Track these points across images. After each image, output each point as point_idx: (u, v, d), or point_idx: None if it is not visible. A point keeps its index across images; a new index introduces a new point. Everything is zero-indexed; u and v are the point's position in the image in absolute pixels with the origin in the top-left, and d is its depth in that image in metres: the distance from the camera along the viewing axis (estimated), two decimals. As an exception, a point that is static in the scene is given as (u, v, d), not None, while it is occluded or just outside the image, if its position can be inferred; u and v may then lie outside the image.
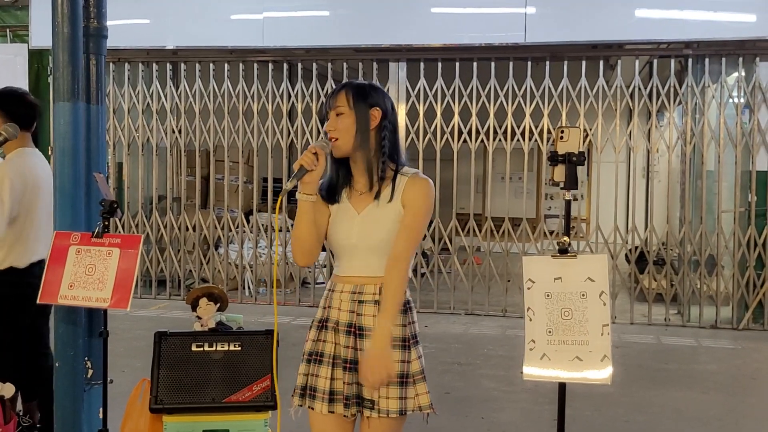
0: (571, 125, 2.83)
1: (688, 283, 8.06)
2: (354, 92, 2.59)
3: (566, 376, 2.59)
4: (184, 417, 3.46)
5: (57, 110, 3.20)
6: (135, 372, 4.42)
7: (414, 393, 2.61)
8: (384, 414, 2.55)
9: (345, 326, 2.60)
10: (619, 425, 4.94)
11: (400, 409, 2.57)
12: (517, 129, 8.24)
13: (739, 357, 6.82)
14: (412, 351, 2.61)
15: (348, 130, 2.57)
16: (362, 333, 2.58)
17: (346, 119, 2.58)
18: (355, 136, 2.57)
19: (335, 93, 2.62)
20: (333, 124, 2.59)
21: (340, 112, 2.58)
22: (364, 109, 2.58)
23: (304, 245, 2.62)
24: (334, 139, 2.58)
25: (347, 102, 2.58)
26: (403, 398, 2.57)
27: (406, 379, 2.58)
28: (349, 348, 2.59)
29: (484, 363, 6.48)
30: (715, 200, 8.04)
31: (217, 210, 9.17)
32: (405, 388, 2.58)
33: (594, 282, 2.59)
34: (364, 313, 2.59)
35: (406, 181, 2.60)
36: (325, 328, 2.65)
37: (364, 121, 2.58)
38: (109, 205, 3.08)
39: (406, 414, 2.60)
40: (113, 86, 9.00)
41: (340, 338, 2.60)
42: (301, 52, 8.69)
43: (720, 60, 7.82)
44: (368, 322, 2.58)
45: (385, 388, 2.53)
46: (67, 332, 3.23)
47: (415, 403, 2.61)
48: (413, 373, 2.61)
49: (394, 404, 2.56)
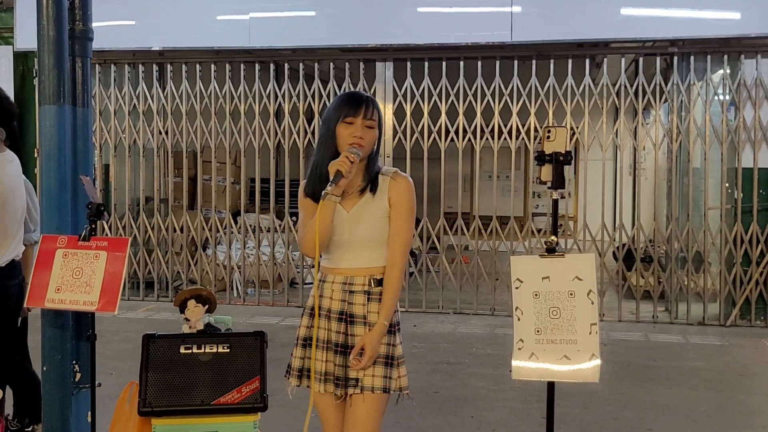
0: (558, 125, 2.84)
1: (675, 280, 8.10)
2: (376, 107, 2.86)
3: (555, 374, 2.60)
4: (173, 420, 3.45)
5: (43, 113, 3.18)
6: (123, 375, 4.40)
7: (397, 374, 2.84)
8: (368, 390, 2.78)
9: (337, 314, 2.85)
10: (608, 422, 4.96)
11: (384, 386, 2.79)
12: (504, 128, 8.26)
13: (727, 353, 6.86)
14: (396, 336, 2.87)
15: (373, 142, 2.85)
16: (353, 320, 2.84)
17: (374, 133, 2.84)
18: (373, 148, 2.86)
19: (369, 105, 2.82)
20: (363, 135, 2.80)
21: (372, 125, 2.83)
22: (381, 125, 2.90)
23: (325, 241, 2.83)
24: (361, 147, 2.80)
25: (378, 118, 2.85)
26: (388, 377, 2.81)
27: (391, 361, 2.82)
28: (341, 333, 2.84)
29: (473, 362, 6.49)
30: (702, 197, 8.09)
31: (205, 211, 9.14)
32: (390, 369, 2.82)
33: (582, 281, 2.61)
34: (354, 302, 2.84)
35: (388, 181, 2.85)
36: (318, 315, 2.87)
37: (380, 135, 2.89)
38: (96, 208, 3.07)
39: (389, 393, 2.82)
40: (99, 88, 8.96)
41: (332, 324, 2.85)
42: (288, 52, 8.67)
43: (705, 58, 7.86)
44: (358, 311, 2.84)
45: (372, 367, 2.78)
46: (54, 336, 3.21)
47: (398, 383, 2.84)
48: (397, 356, 2.85)
49: (379, 382, 2.79)
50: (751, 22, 7.43)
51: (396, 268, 2.83)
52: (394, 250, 2.83)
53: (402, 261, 2.84)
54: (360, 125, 2.79)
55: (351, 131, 2.78)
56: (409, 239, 2.87)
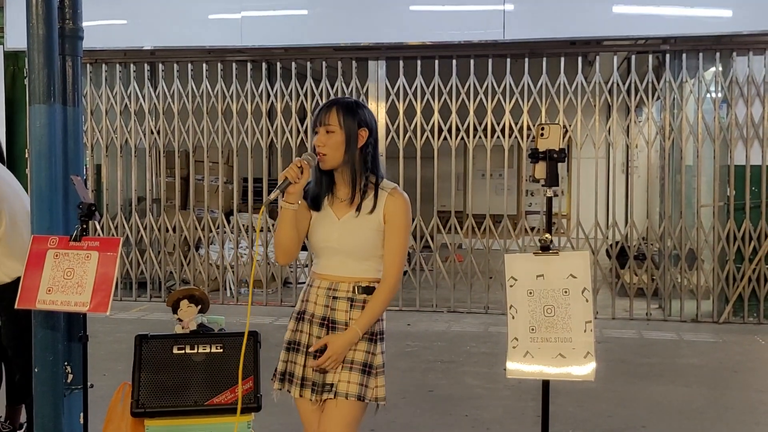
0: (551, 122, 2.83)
1: (668, 277, 8.12)
2: (344, 111, 2.77)
3: (550, 373, 2.60)
4: (166, 420, 3.43)
5: (33, 113, 3.16)
6: (116, 375, 4.38)
7: (374, 384, 2.79)
8: (342, 396, 2.73)
9: (319, 319, 2.84)
10: (603, 420, 4.96)
11: (358, 394, 2.75)
12: (497, 126, 8.26)
13: (721, 350, 6.87)
14: (377, 345, 2.82)
15: (337, 147, 2.76)
16: (335, 326, 2.81)
17: (336, 137, 2.75)
18: (344, 153, 2.77)
19: (326, 110, 2.78)
20: (323, 140, 2.76)
21: (331, 129, 2.76)
22: (353, 128, 2.77)
23: (285, 247, 2.83)
24: (322, 155, 2.75)
25: (338, 120, 2.76)
26: (364, 385, 2.76)
27: (369, 369, 2.78)
28: (321, 339, 2.80)
29: (467, 360, 6.48)
30: (694, 195, 8.10)
31: (197, 211, 9.11)
32: (367, 377, 2.77)
33: (576, 279, 2.60)
34: (337, 308, 2.82)
35: (386, 197, 2.81)
36: (302, 320, 2.88)
37: (353, 139, 2.77)
38: (87, 208, 3.04)
39: (364, 401, 2.76)
40: (90, 87, 8.93)
41: (314, 329, 2.84)
42: (280, 51, 8.65)
43: (697, 55, 7.87)
44: (340, 317, 2.81)
45: (348, 373, 2.75)
46: (45, 337, 3.19)
47: (374, 393, 2.79)
48: (376, 365, 2.81)
49: (354, 388, 2.74)
50: (743, 19, 7.44)
51: (389, 284, 2.80)
52: (389, 266, 2.80)
53: (396, 278, 2.81)
54: (321, 132, 2.77)
55: (315, 141, 2.79)
56: (404, 256, 2.84)
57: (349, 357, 2.76)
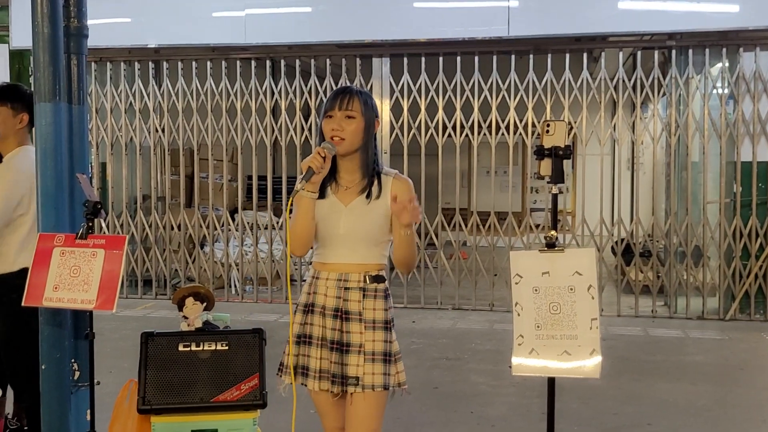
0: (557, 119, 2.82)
1: (674, 274, 8.10)
2: (364, 99, 2.84)
3: (555, 369, 2.59)
4: (173, 417, 3.43)
5: (38, 111, 3.16)
6: (122, 373, 4.38)
7: (395, 370, 2.83)
8: (369, 388, 2.76)
9: (332, 311, 2.83)
10: (608, 418, 4.95)
11: (384, 383, 2.78)
12: (502, 123, 8.25)
13: (727, 347, 6.86)
14: (392, 333, 2.86)
15: (356, 133, 2.80)
16: (348, 317, 2.82)
17: (356, 123, 2.80)
18: (362, 140, 2.82)
19: (347, 96, 2.81)
20: (342, 125, 2.78)
21: (352, 116, 2.80)
22: (371, 116, 2.84)
23: (304, 238, 2.84)
24: (340, 139, 2.78)
25: (360, 107, 2.81)
26: (387, 374, 2.80)
27: (389, 357, 2.81)
28: (336, 330, 2.82)
29: (472, 357, 6.48)
30: (701, 191, 8.08)
31: (202, 209, 9.12)
32: (388, 365, 2.80)
33: (582, 276, 2.60)
34: (350, 299, 2.83)
35: (391, 181, 2.86)
36: (311, 312, 2.87)
37: (370, 127, 2.84)
38: (93, 206, 3.05)
39: (388, 389, 2.81)
40: (95, 86, 8.94)
41: (327, 321, 2.84)
42: (284, 48, 8.65)
43: (704, 51, 7.85)
44: (353, 307, 2.82)
45: (371, 365, 2.77)
46: (52, 334, 3.19)
47: (396, 379, 2.83)
48: (394, 352, 2.85)
49: (379, 379, 2.78)
50: (750, 14, 7.41)
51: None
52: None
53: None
54: (339, 117, 2.78)
55: (331, 125, 2.79)
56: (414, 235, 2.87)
57: (369, 348, 2.78)
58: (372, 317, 2.81)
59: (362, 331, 2.79)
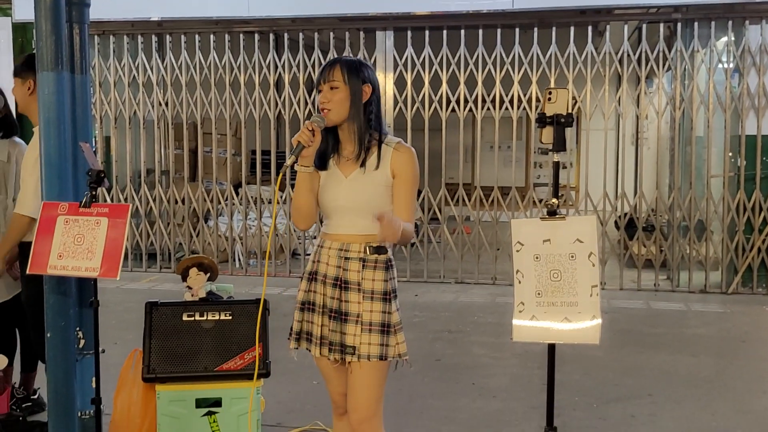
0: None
1: (677, 248, 8.11)
2: (348, 68, 2.80)
3: (555, 335, 2.61)
4: (177, 386, 3.48)
5: (41, 80, 3.17)
6: (127, 344, 4.42)
7: (395, 341, 2.82)
8: (365, 358, 2.78)
9: (332, 279, 2.85)
10: (609, 388, 4.98)
11: (380, 354, 2.79)
12: (506, 97, 8.22)
13: (728, 320, 6.88)
14: (392, 303, 2.84)
15: (342, 103, 2.78)
16: (347, 286, 2.83)
17: (340, 93, 2.78)
18: (348, 109, 2.79)
19: (330, 67, 2.81)
20: (327, 97, 2.79)
21: (335, 86, 2.78)
22: (357, 84, 2.80)
23: (303, 211, 2.87)
24: (326, 110, 2.78)
25: (342, 77, 2.78)
26: (384, 345, 2.80)
27: (387, 329, 2.81)
28: (335, 299, 2.84)
29: (474, 330, 6.51)
30: (705, 165, 8.06)
31: (206, 182, 9.14)
32: (386, 336, 2.80)
33: (583, 243, 2.60)
34: (349, 268, 2.83)
35: (391, 151, 2.83)
36: (314, 280, 2.90)
37: (357, 95, 2.80)
38: (96, 175, 3.06)
39: (386, 360, 2.80)
40: (98, 59, 8.92)
41: (327, 290, 2.85)
42: (287, 22, 8.61)
43: (709, 24, 7.79)
44: (352, 277, 2.83)
45: (368, 335, 2.78)
46: (57, 302, 3.22)
47: (395, 350, 2.82)
48: (394, 323, 2.83)
49: (375, 350, 2.78)
50: (755, -13, 7.36)
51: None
52: (402, 215, 2.80)
53: (410, 226, 2.81)
54: (326, 89, 2.79)
55: (320, 98, 2.80)
56: (414, 208, 2.87)
57: (367, 319, 2.79)
58: (371, 288, 2.81)
59: (360, 301, 2.80)
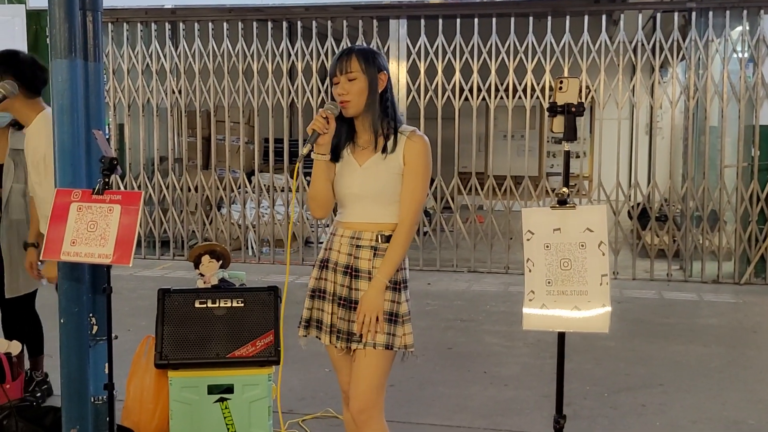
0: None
1: (690, 238, 8.08)
2: (364, 57, 2.80)
3: (565, 323, 2.61)
4: (189, 372, 3.50)
5: (55, 68, 3.17)
6: (140, 331, 4.46)
7: (402, 332, 2.81)
8: (370, 346, 2.77)
9: (343, 267, 2.85)
10: (620, 378, 4.98)
11: (386, 343, 2.78)
12: (519, 86, 8.19)
13: (741, 311, 6.86)
14: (401, 294, 2.83)
15: (361, 93, 2.78)
16: (358, 274, 2.83)
17: (359, 83, 2.78)
18: (366, 99, 2.79)
19: (345, 57, 2.80)
20: (346, 88, 2.78)
21: (353, 77, 2.78)
22: (374, 73, 2.80)
23: (320, 200, 2.89)
24: (346, 102, 2.78)
25: (360, 67, 2.78)
26: (391, 334, 2.79)
27: (395, 318, 2.80)
28: (344, 287, 2.84)
29: (486, 319, 6.52)
30: (718, 155, 8.02)
31: (219, 170, 9.17)
32: (393, 326, 2.79)
33: (593, 232, 2.60)
34: (360, 257, 2.84)
35: (405, 139, 2.82)
36: (326, 268, 2.90)
37: (374, 84, 2.80)
38: (109, 162, 3.07)
39: (392, 350, 2.80)
40: (112, 47, 8.95)
41: (338, 278, 2.86)
42: (300, 9, 8.61)
43: (724, 13, 7.74)
44: (363, 265, 2.83)
45: (375, 323, 2.76)
46: (71, 289, 3.24)
47: (402, 341, 2.81)
48: (402, 313, 2.82)
49: (381, 338, 2.78)
50: (771, -25, 7.30)
51: (405, 226, 2.80)
52: (406, 208, 2.80)
53: (412, 220, 2.81)
54: (342, 81, 2.79)
55: (338, 90, 2.80)
56: (421, 199, 2.83)
57: None
58: None
59: None
